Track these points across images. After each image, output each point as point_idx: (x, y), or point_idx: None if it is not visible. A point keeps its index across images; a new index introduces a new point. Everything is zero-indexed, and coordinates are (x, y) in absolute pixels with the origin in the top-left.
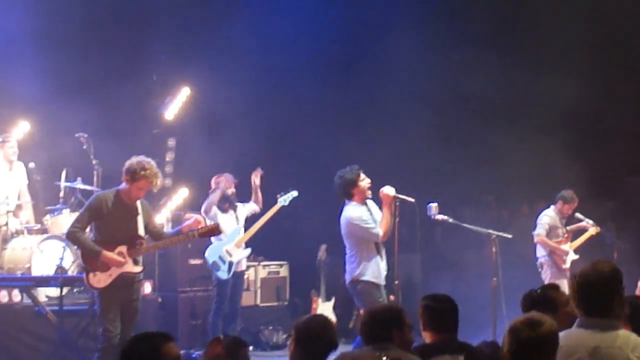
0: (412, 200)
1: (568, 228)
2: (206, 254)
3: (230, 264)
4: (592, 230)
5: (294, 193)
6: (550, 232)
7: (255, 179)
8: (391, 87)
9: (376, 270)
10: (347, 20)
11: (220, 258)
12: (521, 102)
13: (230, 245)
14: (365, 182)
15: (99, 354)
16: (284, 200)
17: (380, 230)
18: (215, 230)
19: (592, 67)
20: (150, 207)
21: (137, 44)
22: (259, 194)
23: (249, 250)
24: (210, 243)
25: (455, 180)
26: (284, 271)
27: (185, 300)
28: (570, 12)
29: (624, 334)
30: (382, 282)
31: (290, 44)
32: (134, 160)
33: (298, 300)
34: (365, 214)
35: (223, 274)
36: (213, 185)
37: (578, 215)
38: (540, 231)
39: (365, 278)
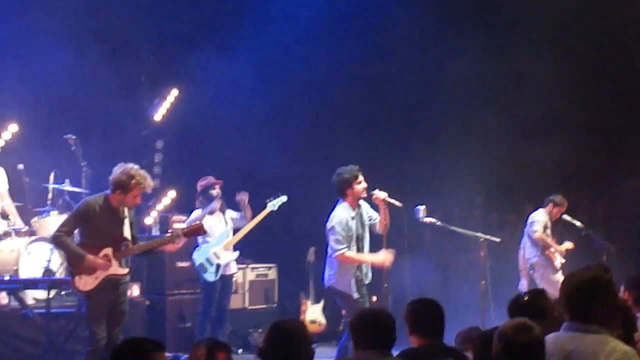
0: (400, 204)
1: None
2: (193, 256)
3: (218, 266)
4: (568, 245)
5: (283, 198)
6: (543, 230)
7: (243, 198)
8: (378, 86)
9: (350, 281)
10: (335, 25)
11: (208, 260)
12: (512, 105)
13: (218, 248)
14: (361, 185)
15: (86, 357)
16: (273, 205)
17: (343, 250)
18: (200, 230)
19: (587, 70)
20: (134, 214)
21: (125, 45)
22: (249, 211)
23: (237, 253)
24: (198, 245)
25: (445, 181)
26: (272, 274)
27: (173, 303)
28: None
29: (602, 339)
30: (355, 294)
31: (281, 48)
32: (117, 172)
33: (287, 303)
34: (347, 224)
35: (210, 276)
36: (199, 189)
37: (566, 217)
38: (537, 228)
39: (339, 288)
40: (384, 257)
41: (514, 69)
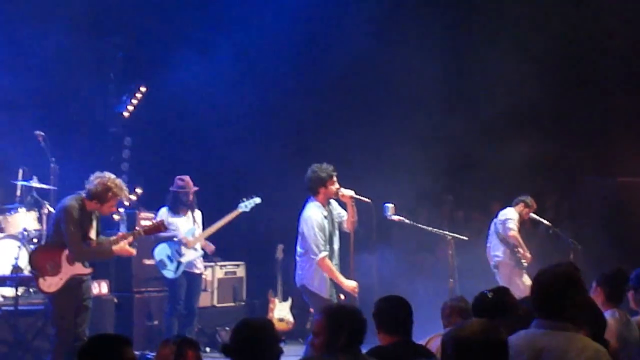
0: (369, 200)
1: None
2: (155, 252)
3: (179, 263)
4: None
5: (257, 200)
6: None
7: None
8: (346, 84)
9: (322, 281)
10: (302, 23)
11: (169, 257)
12: (478, 103)
13: (182, 246)
14: (334, 186)
15: (52, 355)
16: (245, 206)
17: (323, 254)
18: (161, 227)
19: (552, 67)
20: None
21: (95, 41)
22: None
23: (200, 252)
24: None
25: (414, 179)
26: (240, 271)
27: (140, 300)
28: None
29: (573, 337)
30: (326, 295)
31: (250, 46)
32: (94, 182)
33: (255, 301)
34: (323, 224)
35: (169, 273)
36: (173, 188)
37: (533, 215)
38: (513, 226)
39: (311, 289)
40: (354, 285)
41: (479, 67)
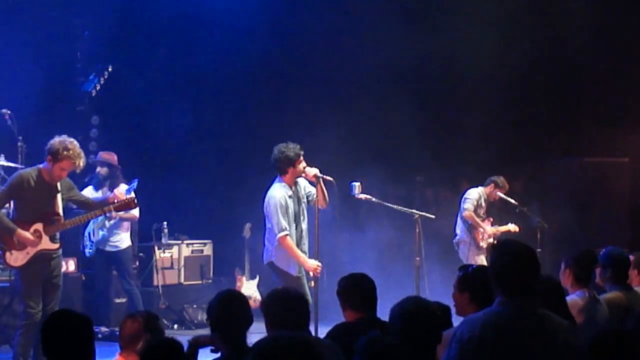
0: (330, 179)
1: (495, 229)
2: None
3: (92, 243)
4: (512, 227)
5: (134, 184)
6: (475, 209)
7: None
8: (313, 60)
9: (290, 259)
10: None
11: (89, 235)
12: (447, 81)
13: (95, 225)
14: (301, 166)
15: (21, 331)
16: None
17: (283, 233)
18: (132, 204)
19: (520, 48)
20: (69, 180)
21: (61, 19)
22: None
23: (103, 232)
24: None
25: (384, 159)
26: (207, 250)
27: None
28: None
29: (556, 317)
30: (295, 273)
31: (215, 25)
32: (56, 140)
33: (222, 279)
34: (286, 204)
35: (87, 252)
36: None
37: (500, 194)
38: (468, 206)
39: (279, 266)
40: (316, 265)
41: (449, 45)
